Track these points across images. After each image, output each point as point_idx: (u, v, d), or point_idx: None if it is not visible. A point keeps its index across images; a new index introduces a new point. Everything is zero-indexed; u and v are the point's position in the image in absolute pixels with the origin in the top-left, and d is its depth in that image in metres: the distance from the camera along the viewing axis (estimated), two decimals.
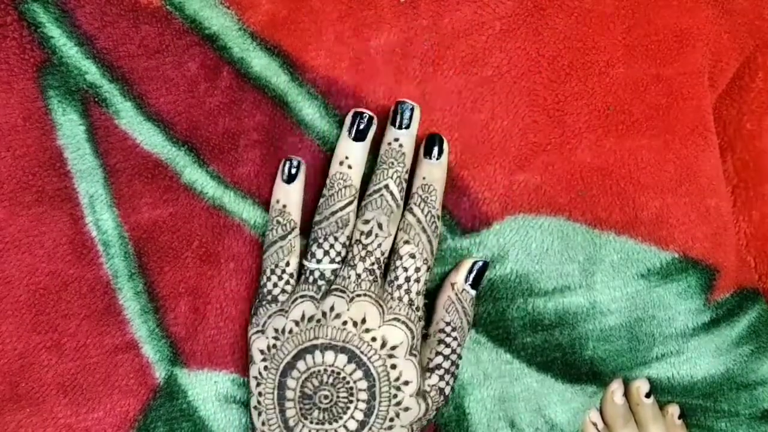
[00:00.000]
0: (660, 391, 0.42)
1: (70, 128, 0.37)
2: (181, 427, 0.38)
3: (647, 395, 0.42)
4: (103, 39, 0.37)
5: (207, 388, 0.38)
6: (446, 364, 0.36)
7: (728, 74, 0.41)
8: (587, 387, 0.42)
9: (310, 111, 0.38)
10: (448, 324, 0.37)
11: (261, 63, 0.38)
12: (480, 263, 0.38)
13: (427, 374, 0.36)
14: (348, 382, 0.34)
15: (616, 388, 0.42)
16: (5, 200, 0.37)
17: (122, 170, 0.37)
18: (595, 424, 0.43)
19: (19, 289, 0.37)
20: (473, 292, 0.38)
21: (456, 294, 0.38)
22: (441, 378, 0.36)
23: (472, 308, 0.38)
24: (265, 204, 0.38)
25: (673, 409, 0.43)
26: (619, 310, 0.40)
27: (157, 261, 0.38)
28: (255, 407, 0.36)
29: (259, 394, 0.35)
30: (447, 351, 0.36)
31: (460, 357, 0.37)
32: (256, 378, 0.36)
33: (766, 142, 0.42)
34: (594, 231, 0.40)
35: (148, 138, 0.37)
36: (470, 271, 0.38)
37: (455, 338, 0.37)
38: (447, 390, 0.36)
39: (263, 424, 0.35)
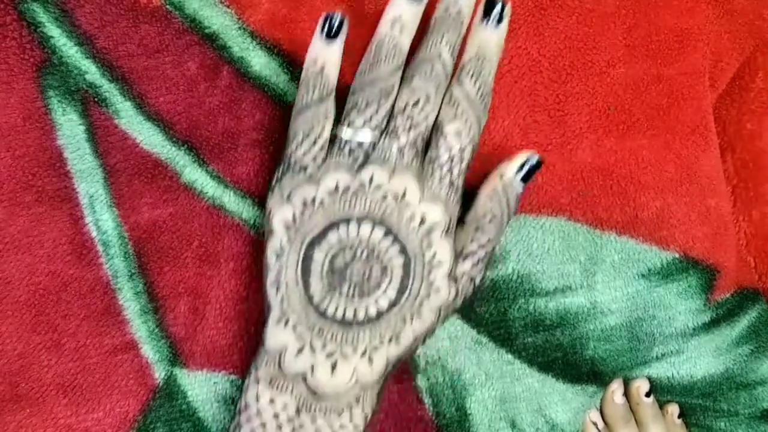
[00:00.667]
0: (660, 391, 0.43)
1: (69, 128, 0.37)
2: (181, 428, 0.38)
3: (647, 395, 0.42)
4: (102, 38, 0.37)
5: (206, 389, 0.38)
6: (480, 253, 0.35)
7: (728, 74, 0.41)
8: (588, 387, 0.42)
9: None
10: (488, 212, 0.35)
11: (261, 62, 0.38)
12: (535, 159, 0.36)
13: (460, 260, 0.34)
14: (383, 257, 0.33)
15: (616, 387, 0.42)
16: (5, 200, 0.36)
17: (122, 170, 0.37)
18: (595, 424, 0.43)
19: (18, 290, 0.37)
20: (521, 188, 0.35)
21: (503, 185, 0.35)
22: (474, 266, 0.34)
23: (516, 204, 0.36)
24: (264, 203, 0.38)
25: (673, 409, 0.43)
26: (620, 310, 0.40)
27: (156, 261, 0.38)
28: (273, 283, 0.34)
29: (279, 268, 0.33)
30: (483, 240, 0.35)
31: (494, 250, 0.35)
32: (276, 252, 0.34)
33: (766, 142, 0.42)
34: (595, 231, 0.40)
35: (148, 138, 0.37)
36: (523, 165, 0.35)
37: (493, 228, 0.35)
38: (477, 280, 0.35)
39: (282, 300, 0.33)
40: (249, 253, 0.38)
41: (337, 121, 0.35)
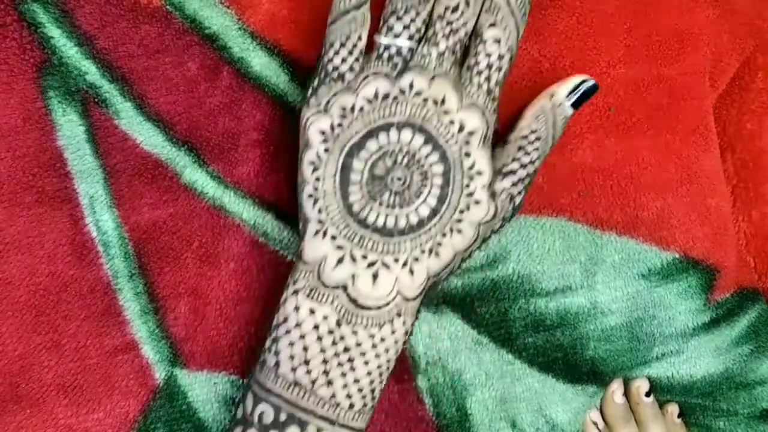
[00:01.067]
0: (659, 391, 0.43)
1: (70, 129, 0.37)
2: (181, 428, 0.38)
3: (647, 394, 0.42)
4: (102, 39, 0.37)
5: (206, 390, 0.38)
6: (521, 173, 0.34)
7: (728, 74, 0.41)
8: (588, 387, 0.42)
9: None
10: (533, 132, 0.34)
11: (261, 62, 0.38)
12: (590, 83, 0.35)
13: (500, 177, 0.34)
14: (423, 165, 0.33)
15: (616, 387, 0.42)
16: (5, 201, 0.36)
17: (122, 171, 0.37)
18: (595, 424, 0.43)
19: (19, 290, 0.36)
20: (570, 111, 0.35)
21: (552, 105, 0.35)
22: (513, 184, 0.34)
23: (562, 127, 0.35)
24: (265, 204, 0.38)
25: (673, 408, 0.43)
26: (620, 310, 0.40)
27: (157, 262, 0.38)
28: (310, 195, 0.33)
29: (317, 179, 0.33)
30: (525, 159, 0.34)
31: (536, 171, 0.35)
32: (313, 163, 0.33)
33: (766, 142, 0.42)
34: (595, 231, 0.40)
35: (148, 138, 0.37)
36: (576, 88, 0.35)
37: (536, 149, 0.34)
38: (517, 199, 0.34)
39: (320, 211, 0.33)
40: (249, 254, 0.38)
41: (374, 30, 0.34)
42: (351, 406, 0.32)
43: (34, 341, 0.37)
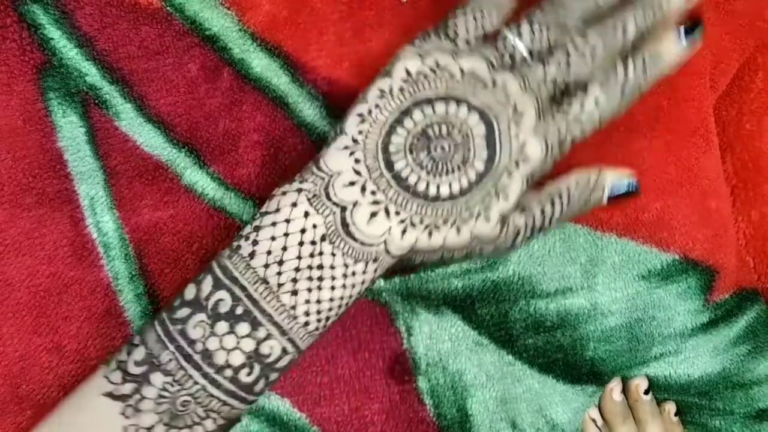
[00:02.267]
0: (657, 389, 0.43)
1: (70, 130, 0.37)
2: None
3: (646, 392, 0.42)
4: (103, 40, 0.37)
5: None
6: (538, 221, 0.34)
7: (729, 75, 0.42)
8: (587, 387, 0.42)
9: (311, 112, 0.38)
10: (569, 194, 0.34)
11: (261, 64, 0.38)
12: (634, 184, 0.35)
13: (518, 211, 0.34)
14: (470, 151, 0.32)
15: (614, 385, 0.42)
16: (5, 202, 0.36)
17: (123, 172, 0.37)
18: (594, 421, 0.43)
19: (19, 291, 0.36)
20: (604, 201, 0.35)
21: (596, 184, 0.35)
22: (525, 226, 0.34)
23: (590, 208, 0.35)
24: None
25: (670, 407, 0.44)
26: (620, 311, 0.40)
27: (157, 263, 0.38)
28: (360, 114, 0.33)
29: (376, 106, 0.33)
30: (548, 211, 0.34)
31: (547, 229, 0.35)
32: (383, 91, 0.33)
33: (766, 143, 0.42)
34: (595, 233, 0.40)
35: (149, 140, 0.37)
36: (621, 179, 0.35)
37: (561, 209, 0.34)
38: (519, 239, 0.34)
39: (360, 133, 0.32)
40: None
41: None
42: (306, 324, 0.31)
43: (35, 342, 0.37)
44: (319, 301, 0.31)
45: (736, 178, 0.43)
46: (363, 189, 0.32)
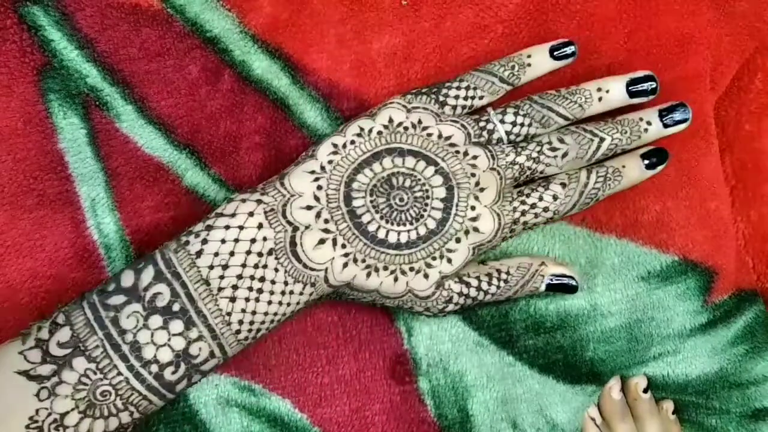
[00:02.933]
0: (655, 388, 0.43)
1: (71, 132, 0.37)
2: (183, 430, 0.38)
3: (645, 391, 0.43)
4: (103, 42, 0.36)
5: (208, 391, 0.38)
6: (472, 292, 0.35)
7: (728, 77, 0.42)
8: (587, 387, 0.42)
9: (311, 114, 0.38)
10: (508, 275, 0.36)
11: (262, 66, 0.38)
12: (573, 284, 0.37)
13: (455, 279, 0.35)
14: (427, 205, 0.34)
15: (613, 384, 0.42)
16: (6, 204, 0.36)
17: (123, 174, 0.37)
18: (593, 420, 0.43)
19: (20, 293, 0.36)
20: (542, 289, 0.37)
21: (536, 272, 0.37)
22: (459, 294, 0.35)
23: (526, 294, 0.37)
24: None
25: (668, 405, 0.44)
26: (620, 312, 0.40)
27: None
28: (328, 145, 0.35)
29: (349, 141, 0.35)
30: (484, 286, 0.36)
31: (480, 304, 0.37)
32: (361, 127, 0.35)
33: (765, 143, 0.42)
34: (595, 234, 0.40)
35: (150, 141, 0.37)
36: (561, 276, 0.37)
37: (498, 288, 0.36)
38: (449, 306, 0.35)
39: (330, 162, 0.34)
40: None
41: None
42: (237, 332, 0.31)
43: None
44: (254, 312, 0.32)
45: (735, 179, 0.43)
46: (318, 215, 0.33)
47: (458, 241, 0.34)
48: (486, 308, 0.40)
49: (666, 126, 0.37)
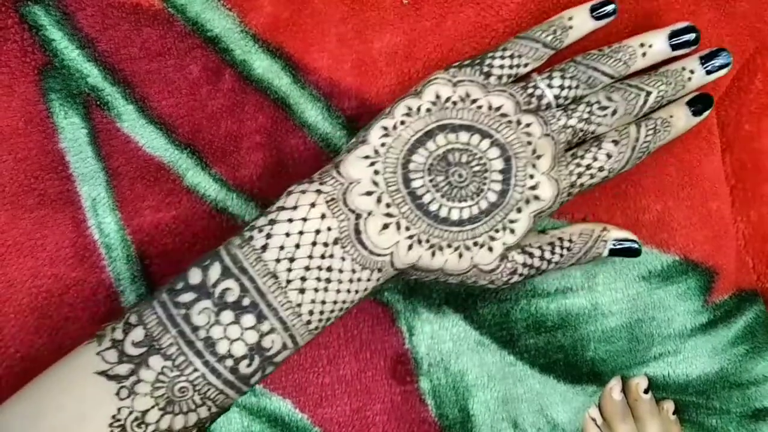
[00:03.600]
0: (656, 388, 0.43)
1: (71, 131, 0.37)
2: None
3: (645, 391, 0.43)
4: (104, 42, 0.36)
5: None
6: (536, 262, 0.35)
7: (728, 76, 0.41)
8: (588, 387, 0.42)
9: (312, 113, 0.38)
10: (571, 242, 0.36)
11: (263, 65, 0.38)
12: (636, 247, 0.37)
13: (518, 250, 0.35)
14: (486, 184, 0.34)
15: (614, 384, 0.42)
16: (7, 203, 0.36)
17: (124, 173, 0.37)
18: (594, 420, 0.43)
19: (21, 293, 0.36)
20: (605, 253, 0.37)
21: (599, 237, 0.37)
22: (523, 264, 0.35)
23: (590, 260, 0.37)
24: (267, 207, 0.38)
25: (669, 405, 0.44)
26: (620, 312, 0.40)
27: (159, 264, 0.38)
28: (385, 128, 0.34)
29: (402, 122, 0.34)
30: (547, 255, 0.35)
31: (543, 272, 0.36)
32: (410, 108, 0.34)
33: (765, 143, 0.42)
34: None
35: (151, 141, 0.37)
36: (625, 240, 0.37)
37: (561, 256, 0.36)
38: (514, 278, 0.35)
39: (383, 146, 0.34)
40: None
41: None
42: (308, 322, 0.32)
43: (37, 343, 0.37)
44: (323, 302, 0.32)
45: (735, 179, 0.43)
46: (378, 200, 0.33)
47: (519, 210, 0.34)
48: (487, 308, 0.40)
49: (709, 73, 0.37)
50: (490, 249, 0.34)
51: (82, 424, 0.29)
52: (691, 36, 0.36)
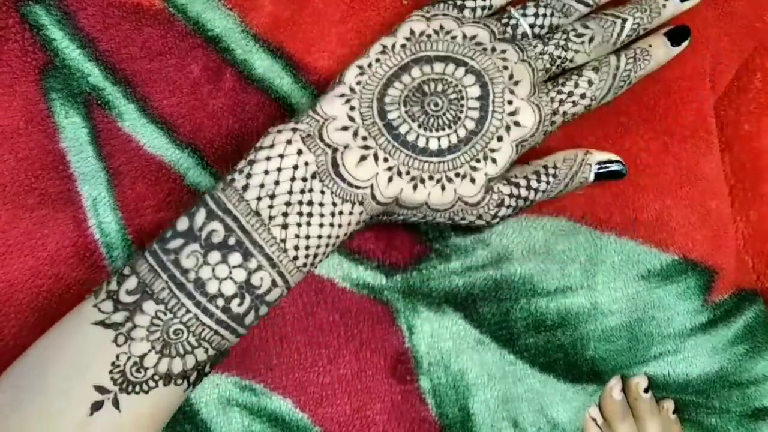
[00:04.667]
0: (655, 388, 0.43)
1: (72, 131, 0.37)
2: (184, 429, 0.38)
3: (645, 391, 0.43)
4: (105, 41, 0.37)
5: (209, 391, 0.38)
6: (522, 192, 0.36)
7: (728, 76, 0.42)
8: (588, 386, 0.42)
9: None
10: (555, 169, 0.36)
11: (264, 65, 0.38)
12: (620, 168, 0.37)
13: (503, 181, 0.35)
14: (463, 96, 0.34)
15: (614, 384, 0.43)
16: (8, 203, 0.36)
17: (125, 173, 0.37)
18: (594, 420, 0.43)
19: (22, 292, 0.36)
20: (591, 178, 0.37)
21: (583, 161, 0.37)
22: (510, 195, 0.35)
23: (576, 186, 0.37)
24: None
25: (669, 405, 0.44)
26: (620, 311, 0.40)
27: None
28: (360, 67, 0.35)
29: (377, 60, 0.35)
30: (533, 184, 0.36)
31: (533, 202, 0.36)
32: (384, 47, 0.35)
33: (764, 143, 0.43)
34: (595, 232, 0.40)
35: (152, 140, 0.37)
36: (607, 163, 0.37)
37: (548, 183, 0.36)
38: (502, 210, 0.35)
39: (358, 83, 0.34)
40: None
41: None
42: (295, 258, 0.32)
43: None
44: (308, 237, 0.32)
45: (735, 179, 0.43)
46: (355, 134, 0.33)
47: (500, 139, 0.34)
48: (487, 306, 0.40)
49: (682, 0, 0.38)
50: (473, 180, 0.34)
51: (84, 372, 0.30)
52: None
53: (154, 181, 0.37)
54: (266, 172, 0.32)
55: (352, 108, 0.34)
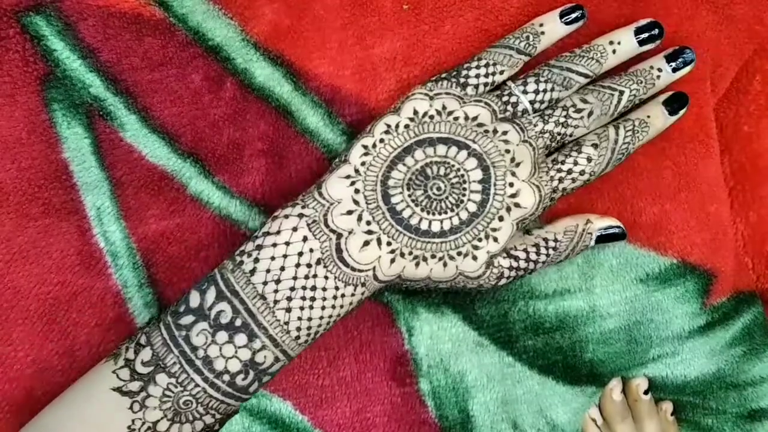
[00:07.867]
0: (653, 389, 0.44)
1: (75, 141, 0.37)
2: None
3: (645, 392, 0.43)
4: (106, 52, 0.37)
5: None
6: (522, 264, 0.36)
7: (728, 79, 0.42)
8: (587, 388, 0.43)
9: (314, 119, 0.39)
10: (556, 242, 0.37)
11: (264, 73, 0.38)
12: (620, 231, 0.38)
13: (503, 255, 0.36)
14: (465, 179, 0.35)
15: (614, 385, 0.43)
16: (12, 212, 0.37)
17: (128, 182, 0.37)
18: (594, 421, 0.44)
19: (28, 299, 0.37)
20: (592, 244, 0.38)
21: (584, 231, 0.38)
22: (509, 268, 0.36)
23: (578, 253, 0.38)
24: (271, 213, 0.38)
25: (667, 406, 0.45)
26: (619, 314, 0.41)
27: (165, 272, 0.38)
28: (365, 146, 0.35)
29: (383, 139, 0.35)
30: (533, 257, 0.36)
31: (531, 272, 0.37)
32: (389, 126, 0.35)
33: (763, 145, 0.42)
34: None
35: (154, 150, 0.37)
36: (609, 228, 0.38)
37: (548, 256, 0.37)
38: (502, 281, 0.36)
39: (363, 164, 0.35)
40: None
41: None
42: (297, 337, 0.33)
43: (47, 347, 0.37)
44: (310, 319, 0.33)
45: (734, 180, 0.43)
46: (359, 218, 0.34)
47: (501, 219, 0.35)
48: (485, 308, 0.40)
49: (675, 70, 0.38)
50: (475, 258, 0.35)
51: None
52: (656, 30, 0.38)
53: (156, 191, 0.38)
54: (272, 258, 0.33)
55: (356, 191, 0.34)
